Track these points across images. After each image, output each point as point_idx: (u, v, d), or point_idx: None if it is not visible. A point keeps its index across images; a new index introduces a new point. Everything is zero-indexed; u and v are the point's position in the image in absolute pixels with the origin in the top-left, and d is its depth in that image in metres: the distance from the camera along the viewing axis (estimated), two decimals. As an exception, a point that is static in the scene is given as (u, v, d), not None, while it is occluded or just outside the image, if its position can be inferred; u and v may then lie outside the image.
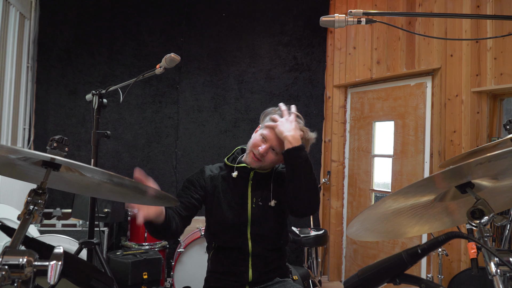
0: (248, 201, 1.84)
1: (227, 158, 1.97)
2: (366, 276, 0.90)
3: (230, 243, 1.83)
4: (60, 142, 1.07)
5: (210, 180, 1.89)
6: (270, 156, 1.80)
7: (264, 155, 1.79)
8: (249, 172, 1.87)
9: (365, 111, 4.50)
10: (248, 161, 1.84)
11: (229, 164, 1.93)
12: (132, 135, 4.48)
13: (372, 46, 4.33)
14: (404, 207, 1.10)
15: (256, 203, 1.84)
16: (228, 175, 1.91)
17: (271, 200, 1.85)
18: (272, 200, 1.85)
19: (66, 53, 4.37)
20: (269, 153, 1.80)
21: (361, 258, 4.35)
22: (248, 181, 1.87)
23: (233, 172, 1.88)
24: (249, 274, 1.79)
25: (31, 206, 0.94)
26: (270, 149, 1.79)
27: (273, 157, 1.81)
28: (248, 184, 1.87)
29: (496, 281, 0.89)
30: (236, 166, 1.89)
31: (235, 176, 1.87)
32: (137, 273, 3.41)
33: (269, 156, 1.80)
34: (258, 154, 1.78)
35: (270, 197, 1.86)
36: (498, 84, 3.22)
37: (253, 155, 1.80)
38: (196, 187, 1.87)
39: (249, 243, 1.81)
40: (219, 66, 4.68)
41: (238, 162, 1.91)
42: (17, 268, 0.77)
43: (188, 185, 1.89)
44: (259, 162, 1.81)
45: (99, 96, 2.41)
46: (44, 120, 4.31)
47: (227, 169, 1.94)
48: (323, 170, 4.81)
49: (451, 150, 3.56)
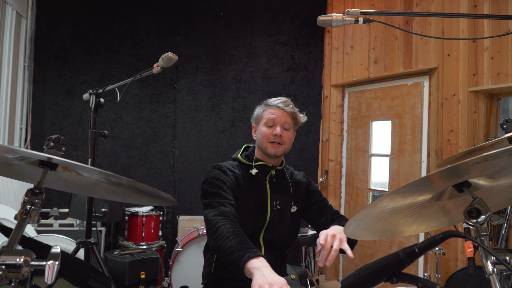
0: (268, 204, 1.82)
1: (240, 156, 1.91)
2: (364, 275, 0.90)
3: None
4: (57, 141, 1.07)
5: (235, 179, 1.80)
6: (286, 134, 1.84)
7: (281, 136, 1.81)
8: (269, 170, 1.86)
9: (363, 111, 4.50)
10: (270, 153, 1.81)
11: (246, 162, 1.88)
12: (129, 134, 4.47)
13: (369, 45, 4.33)
14: (401, 206, 1.10)
15: (275, 206, 1.83)
16: (246, 174, 1.85)
17: (292, 205, 1.87)
18: (294, 206, 1.87)
19: (63, 52, 4.36)
20: (284, 132, 1.83)
21: (359, 257, 4.36)
22: (267, 181, 1.85)
23: (251, 169, 1.84)
24: None
25: (28, 206, 0.94)
26: (282, 128, 1.82)
27: (289, 134, 1.86)
28: (267, 185, 1.85)
29: (493, 280, 0.89)
30: (254, 165, 1.85)
31: (254, 173, 1.83)
32: (134, 272, 3.41)
33: (285, 135, 1.83)
34: (276, 138, 1.80)
35: (291, 202, 1.87)
36: (495, 84, 3.23)
37: (271, 144, 1.81)
38: (229, 188, 1.74)
39: (263, 249, 1.78)
40: (217, 66, 4.68)
41: (255, 161, 1.87)
42: (14, 268, 0.77)
43: (222, 185, 1.73)
44: (280, 145, 1.82)
45: (96, 96, 2.41)
46: (41, 119, 4.30)
47: (244, 168, 1.88)
48: (320, 170, 4.82)
49: (448, 150, 3.57)
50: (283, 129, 1.83)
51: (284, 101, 1.86)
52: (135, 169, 4.46)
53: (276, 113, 1.82)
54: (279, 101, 1.85)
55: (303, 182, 1.98)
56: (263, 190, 1.84)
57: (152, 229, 3.94)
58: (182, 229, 4.09)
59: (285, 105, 1.85)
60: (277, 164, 1.89)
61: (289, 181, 1.92)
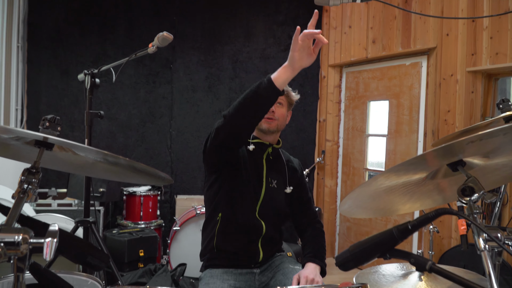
0: (263, 179, 1.88)
1: None
2: (358, 251, 0.92)
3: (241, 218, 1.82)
4: (53, 121, 1.07)
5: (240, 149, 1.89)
6: (279, 110, 1.89)
7: (273, 111, 1.86)
8: (266, 148, 1.91)
9: (360, 91, 4.49)
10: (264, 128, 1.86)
11: None
12: (126, 115, 4.46)
13: (367, 25, 4.29)
14: (396, 185, 1.11)
15: (271, 183, 1.90)
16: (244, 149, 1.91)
17: (288, 186, 1.93)
18: (289, 187, 1.94)
19: (57, 32, 4.30)
20: (277, 108, 1.87)
21: (354, 235, 4.42)
22: (264, 158, 1.91)
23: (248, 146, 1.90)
24: (260, 255, 1.84)
25: (25, 185, 0.95)
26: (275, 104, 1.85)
27: (282, 110, 1.90)
28: (263, 162, 1.90)
29: (484, 256, 0.91)
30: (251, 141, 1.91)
31: (251, 149, 1.89)
32: (133, 251, 3.45)
33: (278, 111, 1.88)
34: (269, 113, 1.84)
35: (286, 183, 1.94)
36: (493, 64, 3.22)
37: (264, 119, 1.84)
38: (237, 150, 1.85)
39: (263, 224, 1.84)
40: (213, 46, 4.64)
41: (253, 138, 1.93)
42: (12, 245, 0.78)
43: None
44: (273, 120, 1.86)
45: (91, 76, 2.39)
46: (36, 101, 4.27)
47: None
48: (317, 150, 4.83)
49: (445, 130, 3.58)
50: (276, 104, 1.87)
51: None
52: (132, 150, 4.46)
53: None
54: None
55: (298, 170, 2.05)
56: (260, 166, 1.89)
57: (150, 209, 3.97)
58: (180, 208, 4.13)
59: None
60: (274, 141, 1.95)
61: (285, 164, 1.98)
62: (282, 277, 1.80)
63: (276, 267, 1.88)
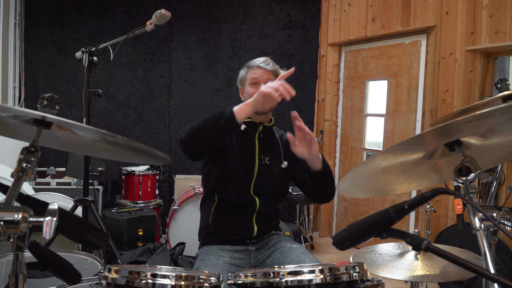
0: (256, 157, 1.90)
1: None
2: (354, 231, 0.93)
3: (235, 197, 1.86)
4: (51, 100, 1.06)
5: None
6: None
7: None
8: (257, 126, 1.92)
9: (359, 70, 4.46)
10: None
11: None
12: (124, 94, 4.43)
13: (367, 3, 4.23)
14: (393, 165, 1.12)
15: (264, 160, 1.91)
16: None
17: (283, 162, 1.94)
18: (284, 162, 1.94)
19: (54, 9, 4.24)
20: None
21: (352, 215, 4.46)
22: (256, 136, 1.92)
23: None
24: (254, 230, 1.87)
25: (24, 164, 0.95)
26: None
27: None
28: (255, 141, 1.92)
29: (479, 235, 0.92)
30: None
31: (243, 129, 1.90)
32: (132, 230, 3.49)
33: None
34: None
35: (280, 158, 1.95)
36: (492, 43, 3.19)
37: None
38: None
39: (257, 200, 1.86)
40: (212, 24, 4.58)
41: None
42: (12, 224, 0.78)
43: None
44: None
45: (89, 54, 2.37)
46: (34, 78, 4.24)
47: None
48: (316, 129, 4.83)
49: (443, 109, 3.57)
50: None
51: (264, 60, 1.94)
52: (131, 129, 4.46)
53: (258, 72, 1.90)
54: (260, 61, 1.94)
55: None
56: (252, 144, 1.91)
57: (149, 188, 3.99)
58: (179, 187, 4.16)
59: (266, 64, 1.92)
60: (265, 121, 1.95)
61: (279, 140, 1.99)
62: (279, 256, 1.82)
63: (273, 246, 1.90)
